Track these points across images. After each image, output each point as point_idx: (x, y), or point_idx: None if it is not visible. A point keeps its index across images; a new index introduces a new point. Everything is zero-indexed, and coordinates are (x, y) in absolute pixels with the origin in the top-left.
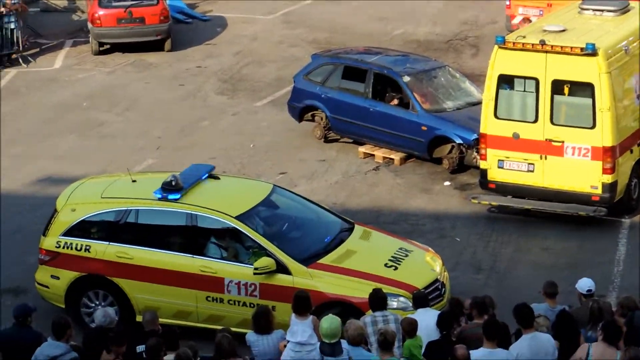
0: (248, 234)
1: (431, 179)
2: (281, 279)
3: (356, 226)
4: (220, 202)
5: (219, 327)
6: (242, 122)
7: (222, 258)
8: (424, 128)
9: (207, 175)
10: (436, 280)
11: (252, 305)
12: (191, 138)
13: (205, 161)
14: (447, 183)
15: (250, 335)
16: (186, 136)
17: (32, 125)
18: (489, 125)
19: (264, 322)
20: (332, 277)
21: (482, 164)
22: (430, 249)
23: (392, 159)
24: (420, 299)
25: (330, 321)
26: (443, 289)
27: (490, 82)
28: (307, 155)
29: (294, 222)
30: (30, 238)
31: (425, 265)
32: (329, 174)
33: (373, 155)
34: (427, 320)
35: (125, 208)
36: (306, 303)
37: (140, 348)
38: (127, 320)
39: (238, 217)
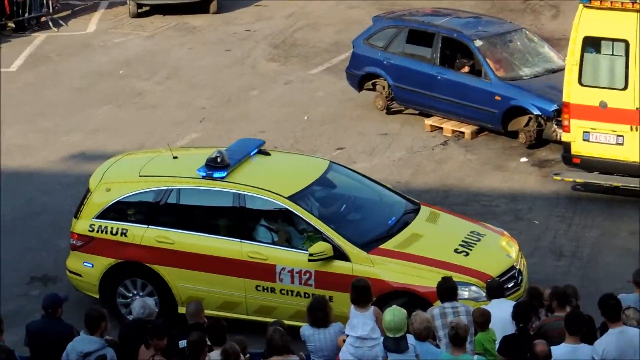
0: (302, 216)
1: (506, 154)
2: (339, 266)
3: (422, 207)
4: (271, 181)
5: (271, 320)
6: (295, 91)
7: (274, 243)
8: (497, 98)
9: (256, 150)
10: (512, 268)
11: (306, 295)
12: (239, 109)
13: (254, 135)
14: (523, 159)
15: (305, 329)
16: (233, 107)
17: (63, 95)
18: (572, 93)
19: (320, 314)
20: (396, 264)
21: (565, 137)
22: (505, 232)
23: (462, 133)
24: (495, 289)
25: (394, 313)
26: (520, 278)
27: (574, 46)
28: (367, 129)
29: (353, 202)
30: (61, 221)
31: (500, 250)
32: (392, 149)
33: (441, 128)
34: (502, 312)
35: (166, 187)
36: (367, 293)
37: (183, 343)
38: (168, 312)
39: (291, 198)
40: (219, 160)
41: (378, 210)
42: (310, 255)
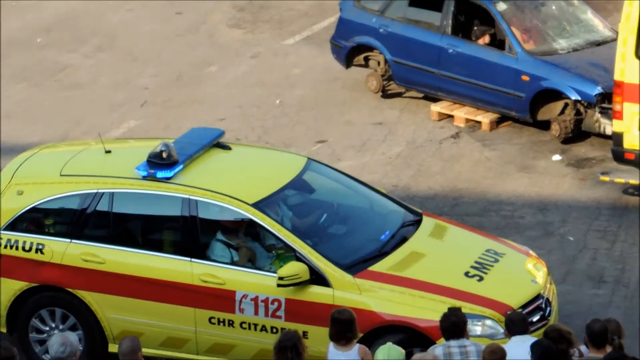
0: (270, 229)
1: (534, 150)
2: (316, 294)
3: (425, 218)
4: (231, 184)
5: None
6: (265, 67)
7: (233, 263)
8: (525, 78)
9: (213, 144)
10: (539, 296)
11: (274, 330)
12: (191, 91)
13: (211, 124)
14: (556, 157)
15: None
16: (184, 88)
17: None
18: (627, 70)
19: (290, 354)
20: (390, 290)
21: (616, 126)
22: (530, 251)
23: (479, 123)
24: (516, 323)
25: (389, 352)
26: (548, 309)
27: (631, 9)
28: (356, 117)
29: (337, 212)
30: None
31: (524, 274)
32: (388, 143)
33: (452, 116)
34: (524, 352)
35: (95, 191)
36: (350, 327)
37: None
38: (96, 351)
39: (256, 205)
40: (164, 155)
41: (368, 221)
42: (280, 279)
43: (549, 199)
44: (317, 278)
